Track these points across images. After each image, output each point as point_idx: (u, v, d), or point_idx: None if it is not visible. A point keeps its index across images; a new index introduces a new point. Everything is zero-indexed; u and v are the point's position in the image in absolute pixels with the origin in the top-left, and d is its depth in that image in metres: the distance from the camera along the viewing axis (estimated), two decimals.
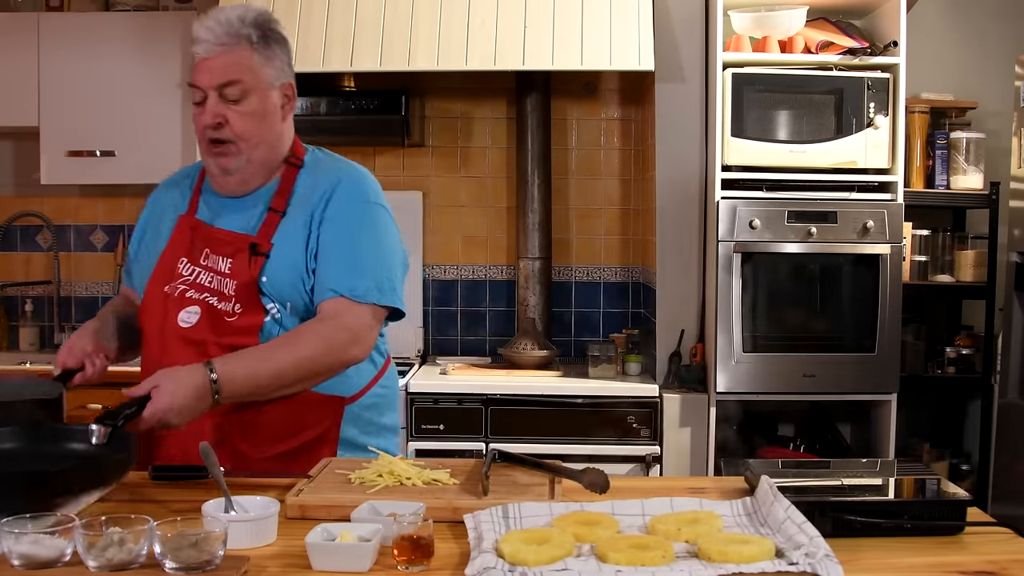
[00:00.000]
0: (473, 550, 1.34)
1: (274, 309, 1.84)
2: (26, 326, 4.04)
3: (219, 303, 1.84)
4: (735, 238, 3.26)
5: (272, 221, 1.87)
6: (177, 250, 1.90)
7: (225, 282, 1.85)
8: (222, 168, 1.87)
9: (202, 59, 1.83)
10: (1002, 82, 3.73)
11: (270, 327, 1.84)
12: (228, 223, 1.89)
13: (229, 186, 1.90)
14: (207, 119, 1.83)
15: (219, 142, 1.84)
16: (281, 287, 1.84)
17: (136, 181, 3.73)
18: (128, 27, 3.69)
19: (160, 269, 1.90)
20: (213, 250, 1.88)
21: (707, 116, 3.43)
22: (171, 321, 1.85)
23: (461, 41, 3.34)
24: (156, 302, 1.88)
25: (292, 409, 1.86)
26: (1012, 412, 3.27)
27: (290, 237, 1.87)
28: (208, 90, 1.83)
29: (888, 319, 3.29)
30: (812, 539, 1.32)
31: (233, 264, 1.85)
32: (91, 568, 1.26)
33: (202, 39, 1.82)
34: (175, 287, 1.87)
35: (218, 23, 1.83)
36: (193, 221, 1.92)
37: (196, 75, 1.84)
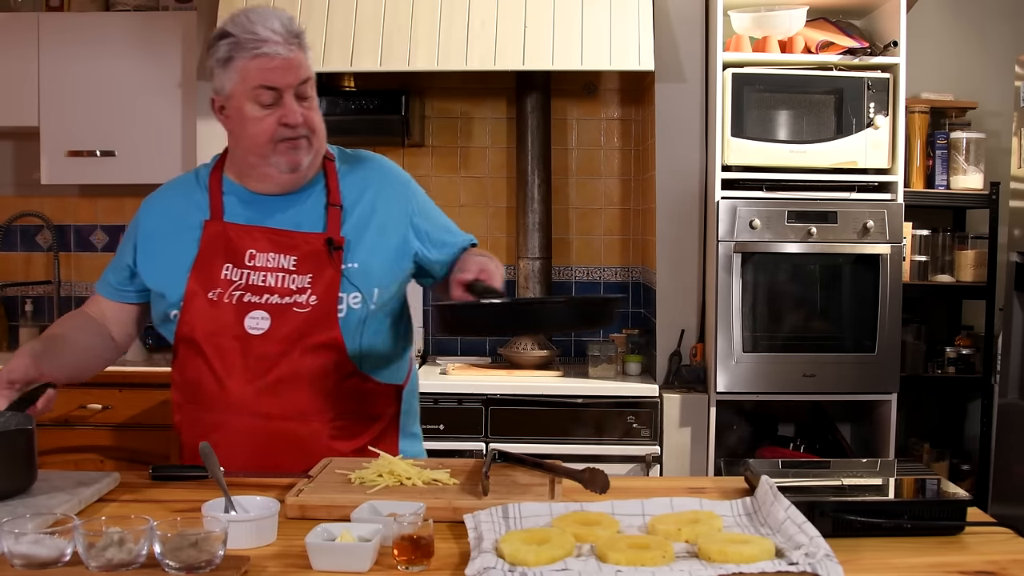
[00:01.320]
0: (473, 550, 1.34)
1: (354, 298, 1.87)
2: (26, 326, 4.04)
3: (282, 299, 1.84)
4: (735, 238, 3.26)
5: (336, 215, 1.89)
6: (214, 256, 1.87)
7: (291, 278, 1.85)
8: (293, 165, 1.86)
9: (275, 59, 1.81)
10: (1002, 82, 3.73)
11: (351, 315, 1.86)
12: (280, 223, 1.89)
13: (288, 183, 1.89)
14: (292, 117, 1.82)
15: (292, 139, 1.84)
16: (375, 274, 1.89)
17: (136, 181, 3.73)
18: (128, 27, 3.69)
19: (197, 276, 1.87)
20: (266, 249, 1.86)
21: (707, 116, 3.43)
22: (237, 328, 1.84)
23: (461, 41, 3.34)
24: (207, 311, 1.86)
25: (368, 400, 1.90)
26: (1012, 412, 3.27)
27: (370, 230, 1.90)
28: (285, 90, 1.83)
29: (888, 319, 3.29)
30: (812, 539, 1.32)
31: (301, 260, 1.85)
32: (91, 568, 1.26)
33: (269, 40, 1.81)
34: (228, 294, 1.85)
35: (279, 24, 1.83)
36: (224, 225, 1.89)
37: (270, 76, 1.81)
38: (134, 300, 2.00)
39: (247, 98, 1.82)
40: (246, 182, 1.91)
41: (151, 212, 1.98)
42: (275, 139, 1.83)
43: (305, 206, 1.91)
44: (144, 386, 3.44)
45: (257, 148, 1.84)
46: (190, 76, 3.56)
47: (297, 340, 1.83)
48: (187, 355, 1.91)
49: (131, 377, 3.45)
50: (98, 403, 3.43)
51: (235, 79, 1.83)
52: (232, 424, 1.85)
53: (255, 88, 1.82)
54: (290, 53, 1.82)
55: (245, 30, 1.82)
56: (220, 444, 1.80)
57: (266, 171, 1.87)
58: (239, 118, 1.84)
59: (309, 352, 1.84)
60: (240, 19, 1.85)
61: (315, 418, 1.85)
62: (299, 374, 1.84)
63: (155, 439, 3.42)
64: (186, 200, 1.95)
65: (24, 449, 1.60)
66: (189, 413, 1.93)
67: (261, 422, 1.84)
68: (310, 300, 1.84)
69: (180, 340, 1.91)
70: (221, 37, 1.86)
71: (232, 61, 1.82)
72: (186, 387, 1.93)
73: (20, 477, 1.59)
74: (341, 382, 1.87)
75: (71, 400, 3.41)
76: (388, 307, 1.94)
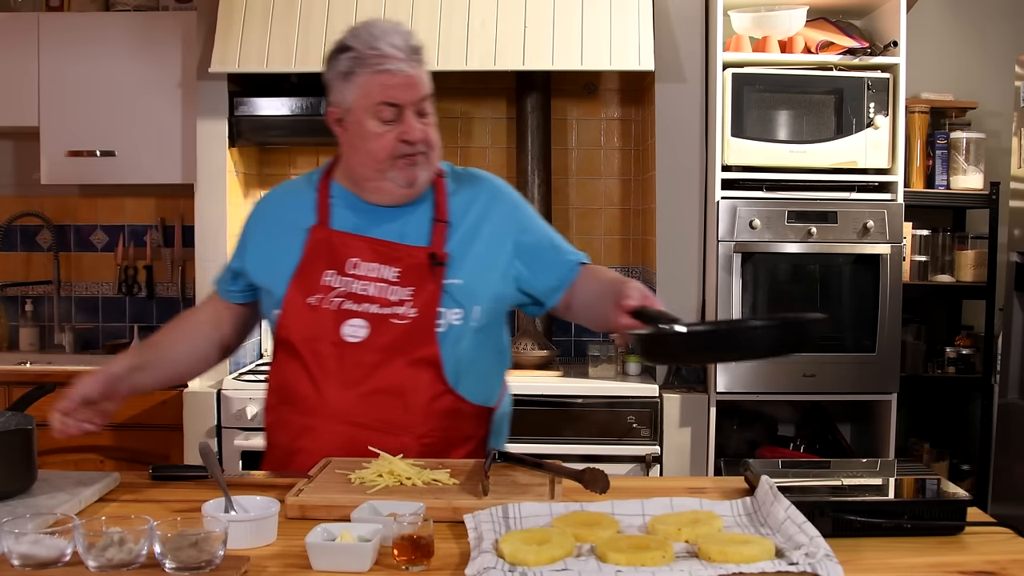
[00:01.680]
0: (473, 550, 1.34)
1: (455, 314, 1.86)
2: (26, 326, 4.04)
3: (381, 309, 1.84)
4: (735, 238, 3.26)
5: (441, 230, 1.89)
6: (317, 261, 1.88)
7: (392, 289, 1.85)
8: (411, 180, 1.86)
9: (397, 76, 1.81)
10: (1002, 82, 3.73)
11: (450, 332, 1.85)
12: (385, 233, 1.89)
13: (402, 197, 1.89)
14: (413, 134, 1.83)
15: (411, 155, 1.84)
16: (477, 292, 1.88)
17: (136, 181, 3.74)
18: (128, 27, 3.69)
19: (299, 281, 1.88)
20: (369, 259, 1.87)
21: (707, 116, 3.43)
22: (334, 335, 1.84)
23: (461, 41, 3.34)
24: (306, 314, 1.86)
25: (460, 421, 1.89)
26: (1012, 412, 3.27)
27: (476, 247, 1.89)
28: (407, 106, 1.83)
29: (888, 319, 3.29)
30: (812, 539, 1.32)
31: (403, 272, 1.85)
32: (91, 568, 1.27)
33: (392, 56, 1.80)
34: (328, 300, 1.86)
35: (401, 40, 1.83)
36: (330, 231, 1.90)
37: (392, 93, 1.81)
38: (238, 300, 2.02)
39: (368, 113, 1.83)
40: (357, 191, 1.92)
41: (263, 211, 2.02)
42: (394, 155, 1.84)
43: (412, 218, 1.90)
44: None
45: (376, 163, 1.85)
46: (190, 76, 3.56)
47: (394, 352, 1.83)
48: (284, 358, 1.91)
49: None
50: None
51: (356, 94, 1.83)
52: (323, 429, 1.85)
53: (377, 104, 1.82)
54: (412, 70, 1.83)
55: (368, 45, 1.81)
56: (309, 448, 1.84)
57: (381, 185, 1.87)
58: (358, 132, 1.85)
59: (406, 366, 1.84)
60: (362, 33, 1.84)
61: (404, 432, 1.84)
62: (393, 386, 1.84)
63: (155, 439, 3.42)
64: (297, 201, 1.96)
65: (24, 449, 1.60)
66: (281, 415, 1.93)
67: (351, 430, 1.84)
68: (409, 313, 1.84)
69: (278, 342, 1.92)
70: (342, 50, 1.85)
71: (353, 75, 1.83)
72: (281, 389, 1.93)
73: (20, 477, 1.60)
74: (434, 399, 1.86)
75: None
76: (488, 327, 1.92)
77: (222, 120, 3.49)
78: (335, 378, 1.84)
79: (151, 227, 4.06)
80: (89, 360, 3.77)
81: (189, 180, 3.56)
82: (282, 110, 3.51)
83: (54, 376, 3.43)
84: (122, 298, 4.06)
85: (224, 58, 3.34)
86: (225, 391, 3.31)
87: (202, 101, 3.49)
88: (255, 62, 3.34)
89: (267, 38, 3.35)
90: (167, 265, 4.04)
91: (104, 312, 4.09)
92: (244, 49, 3.35)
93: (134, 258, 4.03)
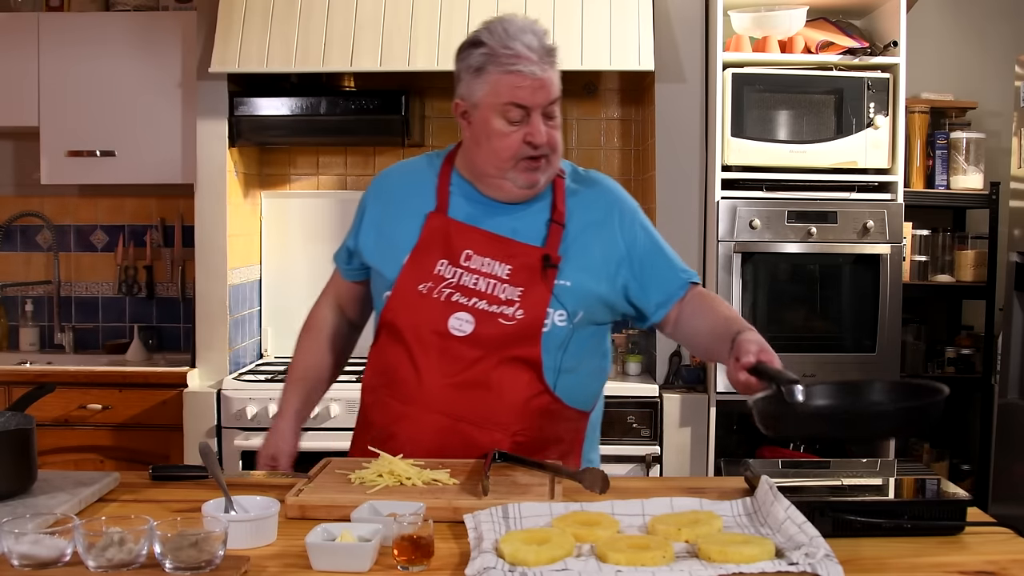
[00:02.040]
0: (473, 550, 1.34)
1: (560, 315, 1.85)
2: (26, 326, 4.04)
3: (490, 306, 1.84)
4: (735, 238, 3.26)
5: (556, 232, 1.88)
6: (432, 249, 1.88)
7: (502, 287, 1.84)
8: (531, 183, 1.85)
9: (528, 78, 1.79)
10: (1002, 82, 3.73)
11: (554, 333, 1.85)
12: (499, 227, 1.88)
13: (520, 197, 1.88)
14: (538, 137, 1.81)
15: (534, 158, 1.83)
16: (583, 296, 1.86)
17: (136, 181, 3.74)
18: (128, 27, 3.69)
19: (412, 266, 1.88)
20: (482, 252, 1.86)
21: (707, 116, 3.43)
22: (441, 325, 1.84)
23: (461, 41, 3.34)
24: (415, 301, 1.87)
25: (555, 423, 1.89)
26: (1012, 412, 3.27)
27: (588, 251, 1.88)
28: (535, 109, 1.81)
29: (888, 319, 3.29)
30: (812, 539, 1.32)
31: (515, 270, 1.85)
32: (91, 568, 1.27)
33: (525, 57, 1.79)
34: (438, 289, 1.86)
35: (535, 40, 1.81)
36: (447, 219, 1.89)
37: (521, 94, 1.79)
38: (356, 279, 2.04)
39: (495, 112, 1.82)
40: (475, 182, 1.91)
41: (380, 189, 2.01)
42: (518, 156, 1.83)
43: (527, 215, 1.90)
44: (144, 386, 3.44)
45: (499, 162, 1.84)
46: (190, 76, 3.56)
47: (496, 349, 1.83)
48: (388, 341, 1.91)
49: (131, 377, 3.45)
50: (98, 403, 3.43)
51: (485, 91, 1.82)
52: (418, 417, 1.86)
53: (505, 104, 1.80)
54: (543, 73, 1.80)
55: (501, 43, 1.80)
56: (403, 434, 1.85)
57: (501, 183, 1.87)
58: (484, 129, 1.84)
59: (506, 363, 1.83)
60: (497, 29, 1.82)
61: (498, 428, 1.84)
62: (492, 382, 1.84)
63: (155, 439, 3.42)
64: (417, 184, 1.95)
65: (24, 449, 1.60)
66: (380, 397, 1.93)
67: (446, 421, 1.84)
68: (516, 314, 1.83)
69: (383, 325, 1.92)
70: (474, 45, 1.83)
71: (484, 72, 1.81)
72: (382, 371, 1.93)
73: (20, 477, 1.60)
74: (532, 398, 1.85)
75: (71, 400, 3.41)
76: (591, 332, 1.92)
77: (222, 120, 3.49)
78: (436, 368, 1.84)
79: (151, 227, 4.06)
80: (89, 360, 3.77)
81: (189, 180, 3.56)
82: (282, 110, 3.51)
83: (54, 376, 3.43)
84: (122, 298, 4.06)
85: (224, 58, 3.34)
86: (225, 391, 3.31)
87: (202, 101, 3.49)
88: (255, 62, 3.34)
89: (267, 38, 3.35)
90: (167, 265, 4.04)
91: (104, 312, 4.09)
92: (244, 49, 3.35)
93: (134, 258, 4.03)
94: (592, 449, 2.04)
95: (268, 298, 3.88)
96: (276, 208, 3.90)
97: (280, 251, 3.89)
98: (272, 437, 1.99)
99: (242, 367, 3.64)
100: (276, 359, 3.82)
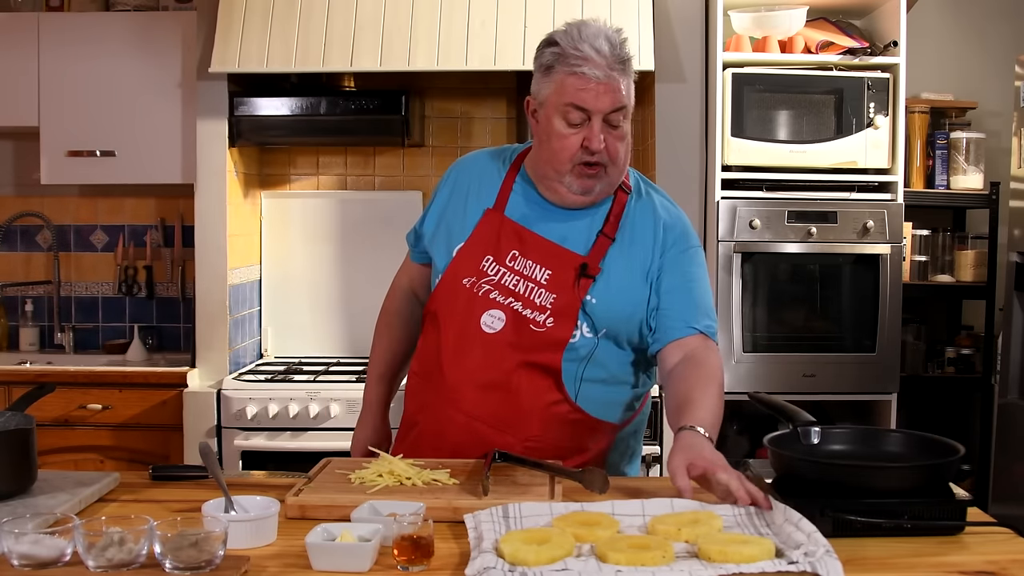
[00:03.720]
0: (473, 550, 1.34)
1: (586, 329, 1.85)
2: (26, 326, 4.04)
3: (524, 309, 1.84)
4: (735, 238, 3.26)
5: (603, 245, 1.87)
6: (483, 245, 1.88)
7: (539, 292, 1.84)
8: (585, 189, 1.85)
9: (591, 81, 1.78)
10: (1002, 82, 3.73)
11: (579, 345, 1.84)
12: (549, 231, 1.88)
13: (576, 203, 1.88)
14: (594, 143, 1.79)
15: (591, 165, 1.82)
16: (610, 312, 1.85)
17: (136, 181, 3.73)
18: (128, 27, 3.68)
19: (462, 259, 1.88)
20: (526, 254, 1.86)
21: (707, 116, 3.43)
22: (473, 320, 1.85)
23: (461, 41, 3.34)
24: (456, 294, 1.87)
25: (573, 431, 1.88)
26: (1012, 412, 3.27)
27: (625, 267, 1.87)
28: (595, 114, 1.80)
29: (888, 319, 3.29)
30: (810, 535, 1.32)
31: (553, 276, 1.84)
32: (91, 568, 1.27)
33: (591, 60, 1.78)
34: (478, 284, 1.86)
35: (607, 45, 1.80)
36: (502, 218, 1.89)
37: (582, 96, 1.78)
38: (424, 261, 2.06)
39: (557, 112, 1.81)
40: (536, 183, 1.92)
41: (455, 175, 2.03)
42: (574, 160, 1.82)
43: (580, 224, 1.89)
44: (144, 386, 3.44)
45: (556, 164, 1.84)
46: (190, 76, 3.56)
47: (521, 351, 1.84)
48: (429, 330, 1.94)
49: (131, 377, 3.45)
50: (98, 403, 3.43)
51: (551, 89, 1.82)
52: (438, 410, 1.88)
53: (566, 104, 1.80)
54: (609, 78, 1.79)
55: (571, 44, 1.80)
56: (424, 423, 1.89)
57: (557, 186, 1.86)
58: (546, 128, 1.84)
59: (527, 367, 1.84)
60: (571, 30, 1.82)
61: (513, 431, 1.84)
62: (511, 384, 1.84)
63: (155, 439, 3.42)
64: (484, 177, 1.97)
65: (24, 449, 1.60)
66: (416, 384, 1.96)
67: (462, 418, 1.86)
68: (547, 322, 1.83)
69: (427, 313, 1.94)
70: (549, 44, 1.84)
71: (552, 71, 1.81)
72: (422, 359, 1.97)
73: (20, 477, 1.60)
74: (550, 406, 1.85)
75: (71, 400, 3.41)
76: (620, 347, 1.90)
77: (222, 120, 3.49)
78: (461, 364, 1.86)
79: (151, 227, 4.06)
80: (89, 360, 3.78)
81: (189, 180, 3.56)
82: (282, 110, 3.51)
83: (54, 376, 3.43)
84: (122, 298, 4.06)
85: (224, 58, 3.34)
86: (225, 391, 3.31)
87: (202, 101, 3.49)
88: (255, 62, 3.34)
89: (267, 38, 3.35)
90: (167, 265, 4.04)
91: (104, 312, 4.09)
92: (244, 49, 3.34)
93: (134, 258, 4.03)
94: (627, 463, 2.02)
95: (268, 298, 3.88)
96: (276, 208, 3.90)
97: (280, 251, 3.89)
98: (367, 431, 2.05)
99: (242, 367, 3.64)
100: (276, 359, 3.82)
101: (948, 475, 1.52)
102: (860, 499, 1.43)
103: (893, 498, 1.45)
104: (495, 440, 1.81)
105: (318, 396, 3.27)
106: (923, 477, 1.50)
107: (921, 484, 1.48)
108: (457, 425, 1.86)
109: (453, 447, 1.84)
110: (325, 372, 3.50)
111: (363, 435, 2.06)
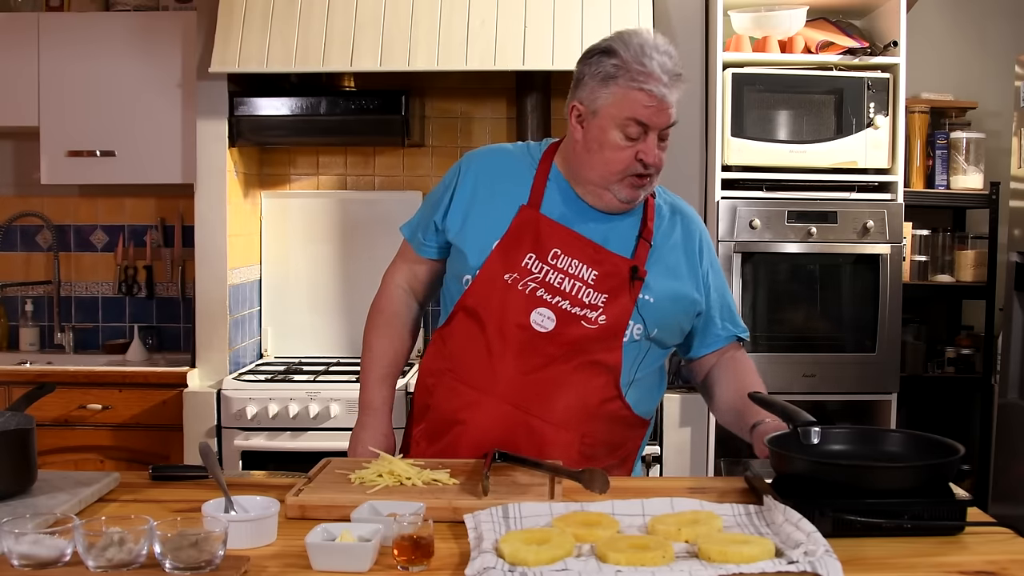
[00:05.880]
0: (473, 550, 1.34)
1: (638, 328, 1.87)
2: (26, 326, 4.04)
3: (572, 308, 1.86)
4: (735, 238, 3.26)
5: (644, 248, 1.90)
6: (522, 241, 1.88)
7: (587, 291, 1.86)
8: (632, 199, 1.88)
9: (655, 98, 1.78)
10: (1002, 82, 3.73)
11: (631, 344, 1.88)
12: (590, 232, 1.89)
13: (616, 208, 1.90)
14: (651, 158, 1.82)
15: (641, 176, 1.85)
16: (663, 314, 1.89)
17: (136, 181, 3.73)
18: (128, 27, 3.68)
19: (501, 255, 1.88)
20: (570, 253, 1.87)
21: (707, 116, 3.43)
22: (522, 318, 1.85)
23: (461, 41, 3.34)
24: (496, 289, 1.87)
25: (622, 429, 1.92)
26: (1012, 412, 3.27)
27: (671, 270, 1.92)
28: (653, 129, 1.82)
29: (888, 319, 3.29)
30: (810, 535, 1.32)
31: (600, 276, 1.86)
32: (91, 568, 1.27)
33: (656, 77, 1.78)
34: (524, 282, 1.86)
35: (669, 62, 1.80)
36: (539, 215, 1.90)
37: (644, 113, 1.79)
38: (433, 256, 2.03)
39: (615, 124, 1.82)
40: (573, 183, 1.92)
41: (476, 169, 1.99)
42: (627, 172, 1.84)
43: (619, 226, 1.91)
44: (144, 386, 3.44)
45: (607, 174, 1.85)
46: (190, 76, 3.56)
47: (577, 351, 1.85)
48: (466, 325, 1.91)
49: (131, 377, 3.45)
50: (98, 403, 3.43)
51: (609, 101, 1.82)
52: (488, 406, 1.87)
53: (627, 118, 1.81)
54: (669, 96, 1.80)
55: (636, 58, 1.79)
56: (472, 421, 1.87)
57: (603, 193, 1.88)
58: (599, 138, 1.84)
59: (585, 366, 1.85)
60: (633, 43, 1.81)
61: (566, 427, 1.86)
62: (568, 382, 1.85)
63: (155, 439, 3.42)
64: (515, 173, 1.96)
65: (24, 449, 1.60)
66: (448, 380, 1.93)
67: (516, 414, 1.85)
68: (599, 320, 1.85)
69: (462, 308, 1.91)
70: (607, 53, 1.82)
71: (613, 82, 1.81)
72: (453, 355, 1.93)
73: (20, 477, 1.59)
74: (604, 402, 1.88)
75: (71, 400, 3.41)
76: (662, 347, 1.95)
77: (222, 120, 3.49)
78: (512, 360, 1.85)
79: (151, 227, 4.06)
80: (89, 360, 3.78)
81: (189, 180, 3.56)
82: (282, 110, 3.51)
83: (54, 376, 3.43)
84: (122, 298, 4.06)
85: (224, 58, 3.34)
86: (225, 391, 3.31)
87: (202, 101, 3.49)
88: (255, 62, 3.34)
89: (267, 38, 3.35)
90: (167, 265, 4.04)
91: (104, 312, 4.09)
92: (244, 49, 3.34)
93: (134, 258, 4.03)
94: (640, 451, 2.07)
95: (268, 298, 3.88)
96: (276, 208, 3.90)
97: (280, 251, 3.89)
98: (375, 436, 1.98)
99: (242, 367, 3.64)
100: (276, 359, 3.82)
101: (948, 475, 1.52)
102: (860, 499, 1.43)
103: (893, 498, 1.45)
104: (549, 436, 1.83)
105: (318, 396, 3.27)
106: (923, 477, 1.50)
107: (921, 484, 1.48)
108: (511, 420, 1.85)
109: (505, 443, 1.82)
110: (325, 372, 3.50)
111: (370, 440, 1.97)
